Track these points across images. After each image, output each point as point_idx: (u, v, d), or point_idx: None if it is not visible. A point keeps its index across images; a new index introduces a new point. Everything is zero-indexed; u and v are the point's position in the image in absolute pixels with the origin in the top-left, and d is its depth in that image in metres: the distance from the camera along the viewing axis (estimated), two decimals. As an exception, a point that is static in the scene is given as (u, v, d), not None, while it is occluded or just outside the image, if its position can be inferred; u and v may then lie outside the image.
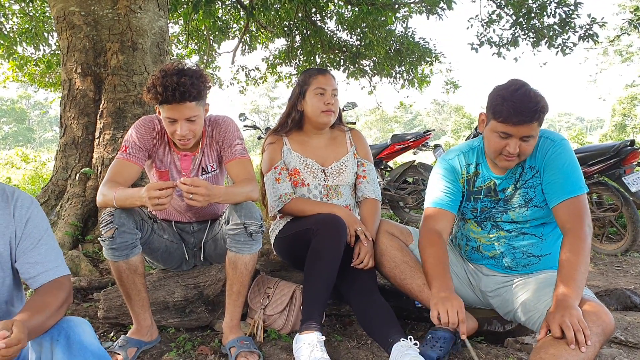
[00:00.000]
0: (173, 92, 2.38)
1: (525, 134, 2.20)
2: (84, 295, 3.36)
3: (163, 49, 4.78)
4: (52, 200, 4.43)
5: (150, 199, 2.20)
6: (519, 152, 2.25)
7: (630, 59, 27.94)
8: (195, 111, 2.49)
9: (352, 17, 10.17)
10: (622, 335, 2.73)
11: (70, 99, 4.50)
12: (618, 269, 4.74)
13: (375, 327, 2.47)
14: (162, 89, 2.38)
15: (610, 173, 5.13)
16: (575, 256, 2.11)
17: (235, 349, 2.45)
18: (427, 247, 2.47)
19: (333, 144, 3.09)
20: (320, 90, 2.92)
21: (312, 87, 2.94)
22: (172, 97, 2.39)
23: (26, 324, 1.47)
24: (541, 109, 2.16)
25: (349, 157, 3.07)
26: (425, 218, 2.60)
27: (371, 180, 3.08)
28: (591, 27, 7.90)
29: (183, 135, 2.51)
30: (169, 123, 2.51)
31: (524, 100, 2.15)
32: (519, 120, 2.16)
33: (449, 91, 13.88)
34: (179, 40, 12.13)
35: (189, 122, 2.49)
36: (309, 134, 3.05)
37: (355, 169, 3.08)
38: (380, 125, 60.05)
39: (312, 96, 2.93)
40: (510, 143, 2.23)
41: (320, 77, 2.95)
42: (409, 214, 6.82)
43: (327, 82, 2.94)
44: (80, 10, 4.43)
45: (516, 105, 2.15)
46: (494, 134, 2.27)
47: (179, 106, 2.43)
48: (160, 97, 2.40)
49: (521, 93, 2.17)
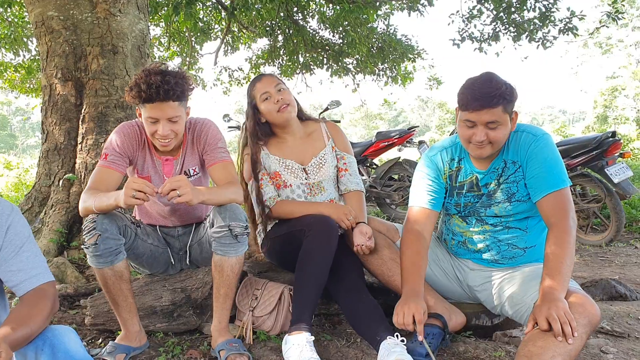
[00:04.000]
0: (157, 90, 2.36)
1: (488, 119, 2.21)
2: (70, 302, 3.33)
3: (144, 52, 4.74)
4: (36, 207, 4.39)
5: (128, 189, 2.17)
6: (489, 139, 2.26)
7: (610, 51, 28.22)
8: (178, 111, 2.48)
9: (334, 15, 10.18)
10: (608, 325, 2.75)
11: (51, 105, 4.46)
12: (603, 259, 4.79)
13: (363, 325, 2.48)
14: (146, 86, 2.36)
15: (593, 165, 5.19)
16: (560, 249, 2.13)
17: (225, 351, 2.44)
18: (404, 249, 2.51)
19: (309, 139, 3.08)
20: (265, 94, 2.91)
21: (257, 96, 2.94)
22: (156, 95, 2.37)
23: (9, 339, 1.45)
24: (501, 94, 2.17)
25: (327, 150, 3.07)
26: (408, 218, 2.63)
27: (353, 173, 3.08)
28: (570, 21, 7.97)
29: (164, 136, 2.49)
30: (151, 123, 2.49)
31: (483, 86, 2.19)
32: (477, 105, 2.19)
33: (433, 87, 13.97)
34: (161, 42, 12.06)
35: (171, 122, 2.48)
36: (282, 135, 3.04)
37: (335, 162, 3.08)
38: (365, 122, 60.11)
39: (261, 103, 2.93)
40: (476, 131, 2.25)
41: (258, 84, 2.96)
42: (395, 211, 6.84)
43: (266, 84, 2.93)
44: (59, 14, 4.38)
45: (475, 91, 2.20)
46: (462, 124, 2.31)
47: (161, 105, 2.42)
48: (144, 94, 2.38)
49: (482, 80, 2.23)
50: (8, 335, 1.48)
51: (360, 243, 2.66)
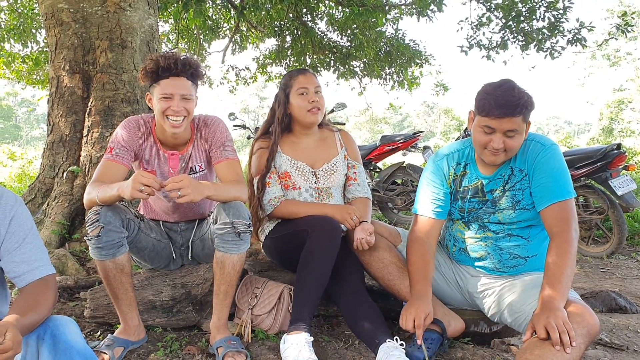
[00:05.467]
0: (175, 63, 2.48)
1: (508, 128, 2.21)
2: (70, 294, 3.34)
3: (153, 48, 4.76)
4: (39, 199, 4.40)
5: (136, 182, 2.18)
6: (505, 147, 2.26)
7: (618, 63, 28.14)
8: (191, 90, 2.56)
9: (343, 18, 10.16)
10: (607, 337, 2.75)
11: (58, 97, 4.48)
12: (604, 271, 4.78)
13: (362, 327, 2.48)
14: (164, 59, 2.47)
15: (597, 176, 5.18)
16: (561, 259, 2.13)
17: (223, 348, 2.45)
18: (410, 256, 2.54)
19: (323, 145, 3.08)
20: (303, 89, 2.91)
21: (294, 88, 2.94)
22: (174, 66, 2.48)
23: (20, 324, 1.47)
24: (524, 103, 2.18)
25: (340, 158, 3.07)
26: (413, 227, 2.64)
27: (361, 182, 3.09)
28: (579, 32, 7.94)
29: (177, 111, 2.51)
30: (164, 99, 2.52)
31: (507, 94, 2.18)
32: (500, 113, 2.18)
33: (439, 93, 13.92)
34: (169, 39, 12.06)
35: (184, 99, 2.53)
36: (299, 135, 3.04)
37: (346, 170, 3.09)
38: (369, 126, 60.10)
39: (295, 97, 2.93)
40: (494, 138, 2.25)
41: (300, 77, 2.95)
42: (397, 215, 6.84)
43: (308, 80, 2.94)
44: (69, 7, 4.40)
45: (498, 98, 2.18)
46: (479, 129, 2.30)
47: (176, 80, 2.51)
48: (162, 66, 2.48)
49: (504, 88, 2.21)
50: (19, 320, 1.49)
51: (361, 237, 2.66)
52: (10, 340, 1.38)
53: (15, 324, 1.45)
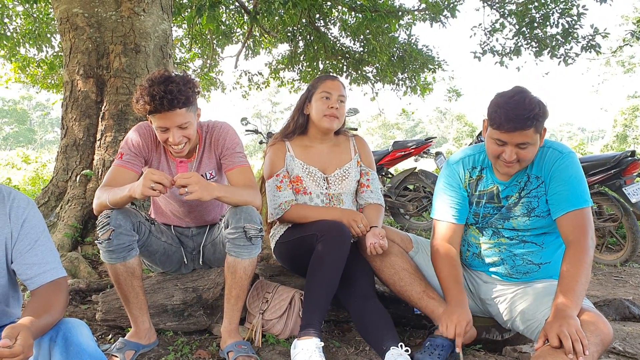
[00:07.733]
0: (161, 101, 2.35)
1: (520, 141, 2.19)
2: (82, 297, 3.35)
3: (166, 52, 4.79)
4: (52, 202, 4.43)
5: (147, 180, 2.19)
6: (518, 158, 2.25)
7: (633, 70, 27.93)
8: (187, 117, 2.47)
9: (356, 23, 10.17)
10: (620, 345, 2.72)
11: (72, 101, 4.51)
12: (617, 279, 4.73)
13: (371, 333, 2.48)
14: (150, 98, 2.36)
15: (610, 183, 5.13)
16: (576, 268, 2.11)
17: (233, 353, 2.45)
18: (438, 263, 2.53)
19: (336, 150, 3.08)
20: (326, 94, 2.91)
21: (318, 90, 2.94)
22: (160, 106, 2.37)
23: (33, 326, 1.48)
24: (534, 116, 2.14)
25: (352, 164, 3.07)
26: (435, 234, 2.62)
27: (375, 190, 3.08)
28: (594, 38, 7.90)
29: (176, 143, 2.50)
30: (161, 132, 2.49)
31: (517, 107, 2.14)
32: (510, 127, 2.16)
33: (451, 99, 13.89)
34: (183, 44, 12.15)
35: (181, 129, 2.48)
36: (313, 139, 3.04)
37: (358, 177, 3.08)
38: (382, 131, 60.11)
39: (317, 99, 2.93)
40: (506, 150, 2.24)
41: (328, 81, 2.96)
42: (409, 221, 6.81)
43: (334, 86, 2.94)
44: (83, 12, 4.44)
45: (508, 112, 2.15)
46: (492, 140, 2.28)
47: (168, 114, 2.41)
48: (149, 106, 2.38)
49: (515, 100, 2.17)
50: (32, 322, 1.51)
51: (374, 241, 2.65)
52: (20, 344, 1.39)
53: (29, 327, 1.46)
